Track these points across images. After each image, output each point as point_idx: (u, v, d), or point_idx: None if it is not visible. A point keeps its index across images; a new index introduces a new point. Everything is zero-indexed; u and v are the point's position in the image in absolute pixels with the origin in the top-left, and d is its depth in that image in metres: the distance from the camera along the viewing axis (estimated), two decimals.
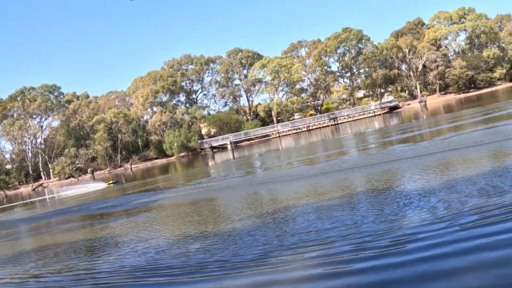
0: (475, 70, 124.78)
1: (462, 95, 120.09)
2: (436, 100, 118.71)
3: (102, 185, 55.58)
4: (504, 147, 18.44)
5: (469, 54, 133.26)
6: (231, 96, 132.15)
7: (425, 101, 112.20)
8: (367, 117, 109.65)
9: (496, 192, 10.90)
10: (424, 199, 11.88)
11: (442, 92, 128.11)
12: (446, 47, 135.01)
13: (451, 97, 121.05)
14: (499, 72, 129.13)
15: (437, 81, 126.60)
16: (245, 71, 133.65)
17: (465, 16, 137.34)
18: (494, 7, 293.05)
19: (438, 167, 17.28)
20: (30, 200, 62.62)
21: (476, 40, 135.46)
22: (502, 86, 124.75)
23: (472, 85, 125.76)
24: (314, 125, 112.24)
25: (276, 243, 10.92)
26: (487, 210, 9.57)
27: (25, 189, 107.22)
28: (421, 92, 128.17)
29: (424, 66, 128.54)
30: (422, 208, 11.03)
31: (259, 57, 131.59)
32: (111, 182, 56.94)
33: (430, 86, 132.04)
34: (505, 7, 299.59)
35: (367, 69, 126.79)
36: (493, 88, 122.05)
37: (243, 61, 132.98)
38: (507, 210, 9.32)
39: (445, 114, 60.99)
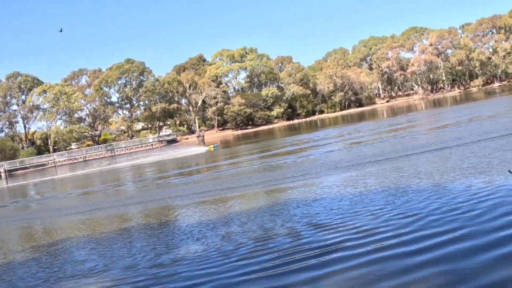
0: (253, 107, 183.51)
1: (239, 131, 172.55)
2: (214, 136, 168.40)
3: (203, 149, 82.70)
4: (275, 185, 26.12)
5: (249, 92, 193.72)
6: (7, 122, 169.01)
7: (203, 136, 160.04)
8: (145, 149, 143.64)
9: (270, 235, 14.93)
10: (198, 240, 16.02)
11: (221, 128, 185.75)
12: (226, 84, 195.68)
13: (229, 133, 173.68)
14: (276, 110, 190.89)
15: (216, 117, 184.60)
16: (23, 97, 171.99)
17: (247, 55, 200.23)
18: (276, 49, 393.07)
19: (211, 204, 23.74)
20: None
21: (256, 79, 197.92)
22: (279, 124, 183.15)
23: (250, 122, 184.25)
24: (91, 156, 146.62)
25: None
26: (262, 254, 13.03)
27: None
28: (199, 127, 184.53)
29: (204, 101, 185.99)
30: (197, 249, 14.80)
31: (39, 82, 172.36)
32: (212, 146, 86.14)
33: (209, 121, 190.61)
34: (286, 50, 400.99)
35: (147, 102, 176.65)
36: (270, 126, 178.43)
37: (22, 85, 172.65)
38: (283, 253, 12.79)
39: (221, 149, 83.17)
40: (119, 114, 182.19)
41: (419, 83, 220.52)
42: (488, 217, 12.75)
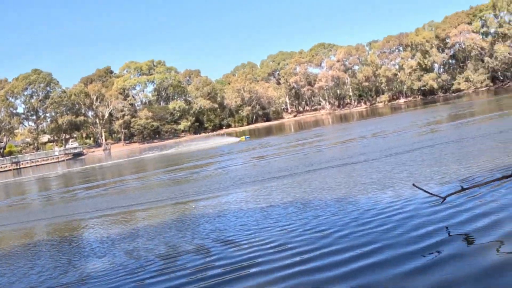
0: (160, 121, 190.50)
1: (146, 145, 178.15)
2: (120, 149, 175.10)
3: (235, 140, 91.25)
4: (180, 200, 26.98)
5: (156, 105, 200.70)
6: None
7: (110, 149, 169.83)
8: (51, 162, 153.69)
9: (179, 252, 15.23)
10: (104, 257, 16.36)
11: (127, 141, 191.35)
12: (133, 97, 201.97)
13: (136, 146, 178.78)
14: (184, 124, 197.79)
15: (123, 130, 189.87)
16: None
17: (155, 68, 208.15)
18: (184, 62, 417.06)
19: (117, 219, 24.23)
20: None
21: (164, 92, 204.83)
22: (185, 138, 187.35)
23: (157, 136, 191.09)
24: None
25: None
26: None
27: None
28: (106, 140, 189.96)
29: (110, 114, 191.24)
30: (104, 266, 15.04)
31: None
32: (243, 137, 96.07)
33: (116, 134, 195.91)
34: (195, 63, 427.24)
35: (53, 114, 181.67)
36: (177, 140, 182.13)
37: None
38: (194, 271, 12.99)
39: (128, 162, 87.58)
40: (25, 126, 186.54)
41: (326, 98, 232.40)
42: (399, 231, 13.44)
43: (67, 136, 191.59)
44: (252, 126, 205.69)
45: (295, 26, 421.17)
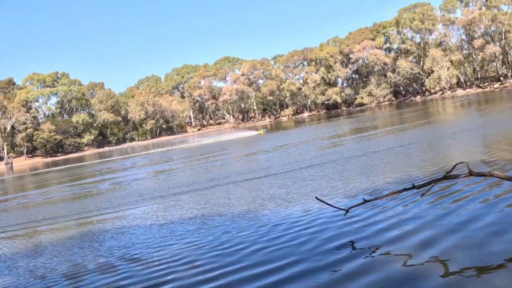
0: (63, 134, 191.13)
1: (49, 159, 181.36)
2: (23, 163, 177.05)
3: (253, 133, 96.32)
4: (80, 217, 26.92)
5: (59, 118, 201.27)
6: None
7: (12, 163, 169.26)
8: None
9: (84, 272, 14.89)
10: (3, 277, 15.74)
11: (30, 155, 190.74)
12: (36, 109, 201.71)
13: (39, 160, 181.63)
14: (87, 138, 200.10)
15: (25, 143, 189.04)
16: None
17: (59, 80, 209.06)
18: (89, 74, 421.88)
19: (12, 238, 23.81)
20: None
21: (67, 105, 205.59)
22: (89, 151, 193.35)
23: (60, 149, 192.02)
24: None
25: None
26: None
27: None
28: (8, 153, 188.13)
29: (13, 127, 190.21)
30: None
31: None
32: (262, 130, 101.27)
33: (18, 148, 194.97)
34: (99, 75, 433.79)
35: None
36: (81, 153, 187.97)
37: None
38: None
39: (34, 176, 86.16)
40: None
41: (231, 112, 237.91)
42: (305, 244, 13.88)
43: None
44: (155, 140, 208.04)
45: (200, 39, 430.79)
